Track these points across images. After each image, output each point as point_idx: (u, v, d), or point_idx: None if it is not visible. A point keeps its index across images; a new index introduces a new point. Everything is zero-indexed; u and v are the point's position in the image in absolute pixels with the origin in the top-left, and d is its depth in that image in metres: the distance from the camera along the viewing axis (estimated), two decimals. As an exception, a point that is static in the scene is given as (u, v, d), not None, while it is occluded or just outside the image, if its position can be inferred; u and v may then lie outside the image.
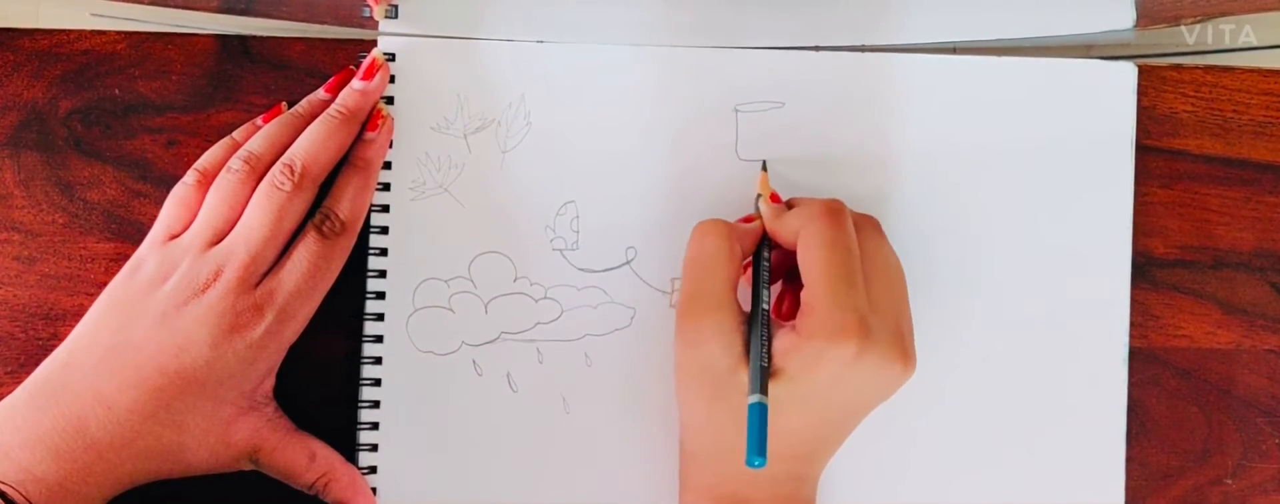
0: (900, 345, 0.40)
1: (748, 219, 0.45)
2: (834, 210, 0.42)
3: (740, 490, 0.42)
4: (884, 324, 0.40)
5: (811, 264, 0.40)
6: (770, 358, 0.40)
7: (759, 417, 0.38)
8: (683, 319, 0.42)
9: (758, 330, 0.41)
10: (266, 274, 0.43)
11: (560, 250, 0.47)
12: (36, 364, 0.42)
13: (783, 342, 0.40)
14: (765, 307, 0.42)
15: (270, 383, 0.44)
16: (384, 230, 0.47)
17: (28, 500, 0.39)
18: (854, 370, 0.39)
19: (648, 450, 0.47)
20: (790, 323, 0.41)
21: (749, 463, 0.37)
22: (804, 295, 0.40)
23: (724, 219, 0.43)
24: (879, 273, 0.42)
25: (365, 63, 0.46)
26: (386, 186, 0.47)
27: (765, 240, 0.44)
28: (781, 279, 0.45)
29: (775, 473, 0.41)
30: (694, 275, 0.42)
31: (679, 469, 0.44)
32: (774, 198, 0.44)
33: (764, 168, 0.47)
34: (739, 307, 0.42)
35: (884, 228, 0.44)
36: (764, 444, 0.37)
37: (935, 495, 0.47)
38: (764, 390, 0.39)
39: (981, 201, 0.48)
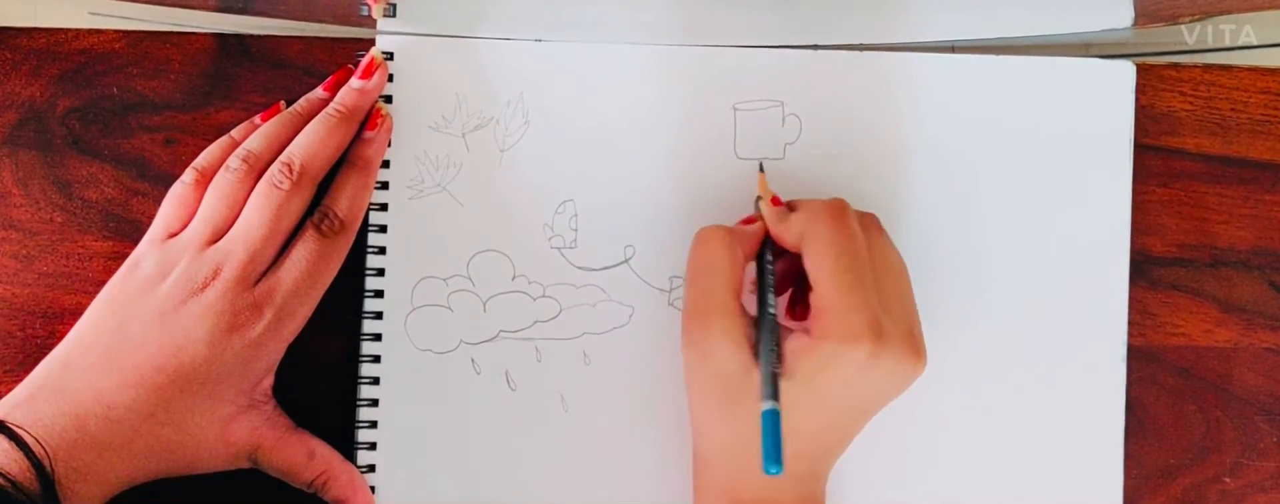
0: (913, 343, 0.40)
1: (749, 220, 0.44)
2: (837, 210, 0.42)
3: (763, 494, 0.41)
4: (896, 323, 0.40)
5: (819, 267, 0.40)
6: (781, 361, 0.40)
7: (773, 425, 0.37)
8: (689, 327, 0.42)
9: (766, 336, 0.40)
10: (265, 273, 0.43)
11: (558, 249, 0.47)
12: (35, 363, 0.42)
13: (795, 344, 0.40)
14: (772, 311, 0.41)
15: (269, 381, 0.44)
16: (382, 229, 0.47)
17: (47, 455, 0.38)
18: (869, 371, 0.39)
19: (646, 448, 0.47)
20: (800, 325, 0.41)
21: (766, 471, 0.37)
22: (814, 299, 0.40)
23: (724, 224, 0.43)
24: (885, 271, 0.42)
25: (363, 61, 0.46)
26: (385, 185, 0.47)
27: (768, 243, 0.43)
28: (790, 288, 0.45)
29: (794, 473, 0.41)
30: (697, 283, 0.42)
31: (692, 473, 0.44)
32: (775, 200, 0.44)
33: (762, 169, 0.47)
34: (745, 311, 0.41)
35: (882, 226, 0.44)
36: (779, 452, 0.37)
37: (933, 493, 0.47)
38: (776, 397, 0.38)
39: (979, 200, 0.48)
